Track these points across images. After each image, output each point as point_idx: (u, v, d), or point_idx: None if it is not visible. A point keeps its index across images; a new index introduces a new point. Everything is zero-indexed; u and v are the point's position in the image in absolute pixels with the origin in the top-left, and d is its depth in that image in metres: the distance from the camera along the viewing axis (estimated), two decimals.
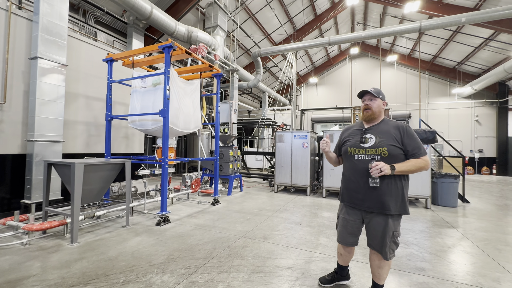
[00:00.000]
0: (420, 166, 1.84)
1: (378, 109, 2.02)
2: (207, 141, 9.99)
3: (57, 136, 4.63)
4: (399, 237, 1.96)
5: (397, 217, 1.93)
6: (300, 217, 4.83)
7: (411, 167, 1.84)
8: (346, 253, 2.27)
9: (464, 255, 3.21)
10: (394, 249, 1.94)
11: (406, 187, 1.93)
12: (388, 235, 1.90)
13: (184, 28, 8.36)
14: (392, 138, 1.90)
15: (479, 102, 15.49)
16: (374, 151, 1.92)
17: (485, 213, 5.43)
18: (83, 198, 3.58)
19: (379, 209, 1.90)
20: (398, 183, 1.89)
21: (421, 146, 1.90)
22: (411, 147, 1.88)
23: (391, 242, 1.91)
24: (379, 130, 1.98)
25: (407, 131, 1.92)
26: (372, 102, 2.02)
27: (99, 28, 8.75)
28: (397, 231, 1.93)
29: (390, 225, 1.90)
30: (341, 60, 19.91)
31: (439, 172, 6.65)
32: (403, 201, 1.89)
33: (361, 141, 2.00)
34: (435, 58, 15.70)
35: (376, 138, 1.95)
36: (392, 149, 1.87)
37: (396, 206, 1.88)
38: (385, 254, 1.93)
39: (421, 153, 1.87)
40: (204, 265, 2.74)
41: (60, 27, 4.64)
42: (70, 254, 2.93)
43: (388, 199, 1.87)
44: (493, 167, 14.90)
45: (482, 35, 11.87)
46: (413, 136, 1.91)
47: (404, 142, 1.89)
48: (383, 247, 1.92)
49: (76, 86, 5.37)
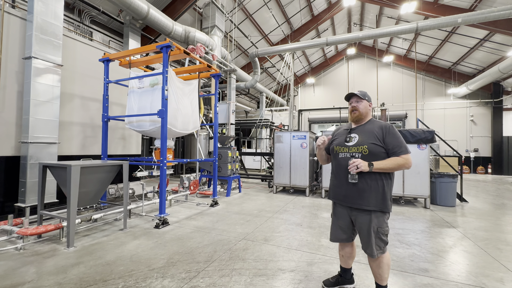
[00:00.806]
0: (399, 163, 1.89)
1: (365, 110, 2.11)
2: (205, 142, 9.92)
3: (52, 138, 4.53)
4: (386, 234, 1.97)
5: (381, 213, 1.95)
6: (300, 218, 4.79)
7: (390, 165, 1.89)
8: (346, 254, 2.26)
9: (466, 255, 3.20)
10: (381, 246, 1.95)
11: (388, 185, 1.97)
12: (373, 231, 1.94)
13: (181, 28, 8.29)
14: (374, 137, 1.98)
15: (474, 102, 15.67)
16: (356, 149, 2.00)
17: (484, 212, 5.46)
18: (80, 201, 3.49)
19: (359, 205, 1.97)
20: (379, 181, 1.94)
21: (402, 145, 1.94)
22: (391, 145, 1.94)
23: (377, 238, 1.94)
24: (364, 130, 2.07)
25: (390, 130, 1.98)
26: (358, 103, 2.12)
27: (95, 28, 8.63)
28: (381, 227, 1.95)
29: (374, 221, 1.94)
30: (338, 61, 20.00)
31: (437, 171, 6.68)
32: (384, 198, 1.93)
33: (345, 140, 2.10)
34: (431, 59, 15.84)
35: (359, 137, 2.04)
36: (373, 147, 1.95)
37: (376, 202, 1.93)
38: (371, 251, 1.95)
39: (401, 151, 1.92)
40: (205, 269, 2.68)
41: (55, 27, 4.55)
42: (66, 259, 2.85)
43: (367, 195, 1.94)
44: (488, 166, 15.07)
45: (477, 36, 12.01)
46: (395, 135, 1.96)
47: (386, 140, 1.96)
48: (369, 244, 1.96)
49: (71, 86, 5.27)
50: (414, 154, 5.93)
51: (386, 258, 2.01)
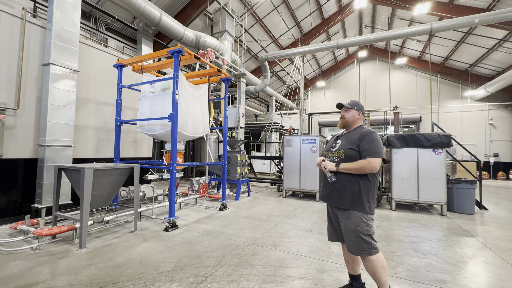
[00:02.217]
0: (361, 165, 2.00)
1: (352, 118, 2.28)
2: (214, 146, 9.98)
3: (68, 141, 4.68)
4: (367, 233, 2.00)
5: (357, 213, 2.02)
6: (310, 223, 4.70)
7: (353, 166, 2.03)
8: (350, 258, 2.25)
9: (487, 267, 3.02)
10: (363, 246, 1.99)
11: (366, 187, 2.05)
12: (351, 230, 2.03)
13: (192, 33, 8.44)
14: (352, 142, 2.13)
15: (494, 105, 15.01)
16: (336, 154, 2.20)
17: (506, 221, 5.17)
18: (92, 203, 3.58)
19: (337, 203, 2.12)
20: (355, 183, 2.05)
21: (372, 150, 2.01)
22: (363, 149, 2.06)
23: (356, 237, 2.00)
24: (348, 136, 2.22)
25: (366, 136, 2.09)
26: (346, 112, 2.30)
27: (110, 34, 8.93)
28: (359, 226, 2.00)
29: (352, 219, 2.03)
30: (349, 64, 19.75)
31: (454, 177, 6.40)
32: (360, 198, 2.02)
33: (332, 146, 2.31)
34: (446, 60, 15.36)
35: (341, 143, 2.23)
36: (349, 152, 2.11)
37: (351, 202, 2.04)
38: (351, 248, 2.04)
39: (368, 154, 2.01)
40: (213, 274, 2.66)
41: (72, 34, 4.73)
42: (78, 260, 2.91)
43: (344, 195, 2.08)
44: (509, 172, 14.33)
45: (495, 36, 11.55)
46: (369, 140, 2.05)
47: (360, 145, 2.08)
48: (348, 242, 2.06)
49: (86, 91, 5.45)
50: (429, 159, 5.73)
51: (379, 260, 2.00)
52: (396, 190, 5.98)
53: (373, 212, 2.07)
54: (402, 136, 5.97)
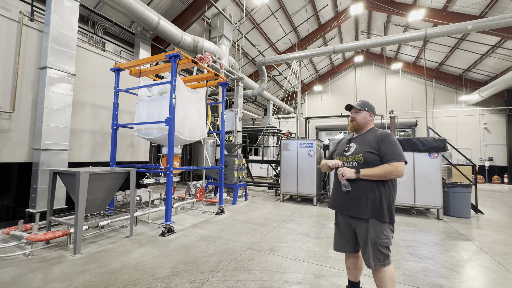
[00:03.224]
0: (387, 171, 1.84)
1: (363, 120, 2.15)
2: (212, 150, 9.96)
3: (63, 145, 4.64)
4: (386, 246, 1.88)
5: (379, 223, 1.88)
6: (308, 228, 4.69)
7: (378, 172, 1.87)
8: (352, 266, 2.19)
9: (483, 271, 3.03)
10: (380, 258, 1.87)
11: (387, 194, 1.91)
12: (370, 241, 1.89)
13: (190, 38, 8.49)
14: (370, 145, 1.99)
15: (488, 110, 15.24)
16: (353, 158, 2.03)
17: (501, 225, 5.21)
18: (88, 207, 3.54)
19: (355, 213, 1.96)
20: (375, 189, 1.90)
21: (395, 153, 1.89)
22: (384, 153, 1.92)
23: (374, 249, 1.88)
24: (362, 139, 2.09)
25: (385, 138, 1.97)
26: (357, 114, 2.17)
27: (107, 38, 8.94)
28: (379, 238, 1.87)
29: (371, 231, 1.89)
30: (345, 68, 19.96)
31: (449, 181, 6.45)
32: (381, 207, 1.88)
33: (344, 149, 2.14)
34: (441, 66, 15.61)
35: (356, 146, 2.06)
36: (368, 156, 1.95)
37: (372, 212, 1.88)
38: (368, 261, 1.90)
39: (392, 158, 1.88)
40: (210, 279, 2.63)
41: (69, 38, 4.73)
42: (72, 266, 2.86)
43: (362, 204, 1.91)
44: (504, 176, 14.49)
45: (488, 43, 11.79)
46: (390, 143, 1.94)
47: (380, 148, 1.95)
48: (366, 254, 1.92)
49: (83, 95, 5.43)
50: (425, 163, 5.77)
51: (390, 272, 1.90)
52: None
53: (394, 221, 1.91)
54: (398, 140, 6.01)
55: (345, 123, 17.05)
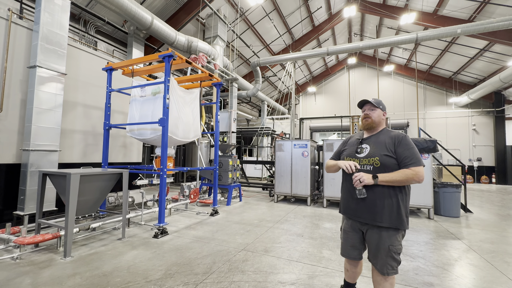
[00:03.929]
0: (408, 176, 1.73)
1: (378, 119, 2.01)
2: (206, 150, 9.91)
3: (53, 146, 4.54)
4: (398, 252, 1.81)
5: (394, 230, 1.80)
6: (302, 228, 4.71)
7: (398, 177, 1.75)
8: (352, 269, 2.16)
9: (472, 269, 3.11)
10: (393, 265, 1.80)
11: (404, 200, 1.82)
12: (383, 249, 1.80)
13: (184, 38, 8.43)
14: (386, 148, 1.86)
15: (476, 111, 15.64)
16: (367, 161, 1.89)
17: (489, 224, 5.34)
18: (78, 209, 3.47)
19: (371, 220, 1.85)
20: (393, 196, 1.80)
21: (414, 156, 1.79)
22: (402, 156, 1.81)
23: (388, 257, 1.80)
24: (376, 140, 1.96)
25: (402, 140, 1.86)
26: (372, 111, 2.03)
27: (100, 37, 8.81)
28: (393, 245, 1.79)
29: (385, 238, 1.81)
30: (339, 70, 20.17)
31: (440, 181, 6.59)
32: (399, 214, 1.79)
33: (356, 151, 2.00)
34: (431, 68, 15.94)
35: (370, 148, 1.93)
36: (385, 159, 1.83)
37: (390, 219, 1.79)
38: (381, 269, 1.82)
39: (412, 162, 1.77)
40: (204, 281, 2.61)
41: (60, 36, 4.64)
42: (62, 270, 2.80)
43: (380, 211, 1.81)
44: (492, 176, 14.88)
45: (477, 46, 12.10)
46: (408, 146, 1.83)
47: (397, 151, 1.84)
48: (378, 262, 1.84)
49: (74, 94, 5.33)
50: None
51: (392, 278, 1.86)
52: None
53: (408, 227, 1.84)
54: None
55: (339, 124, 17.21)
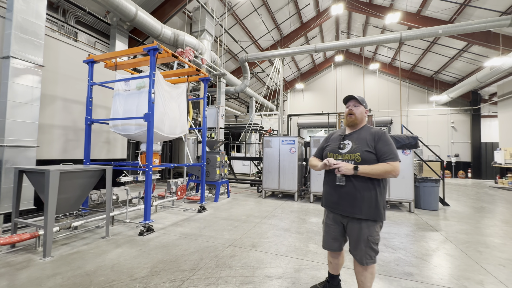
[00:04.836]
0: (386, 170, 1.84)
1: (361, 115, 2.10)
2: (193, 146, 9.78)
3: (30, 141, 4.31)
4: (377, 243, 1.93)
5: (372, 222, 1.92)
6: (289, 223, 4.78)
7: (376, 170, 1.85)
8: (334, 260, 2.25)
9: (448, 258, 3.28)
10: (371, 255, 1.92)
11: (381, 193, 1.94)
12: (363, 240, 1.91)
13: (170, 31, 8.21)
14: (367, 144, 1.96)
15: (455, 109, 16.38)
16: (349, 157, 1.98)
17: (464, 216, 5.65)
18: (59, 207, 3.33)
19: (350, 213, 1.94)
20: (371, 188, 1.91)
21: (392, 152, 1.91)
22: (381, 152, 1.92)
23: (367, 247, 1.91)
24: (358, 137, 2.04)
25: (382, 137, 1.97)
26: (356, 108, 2.10)
27: (80, 28, 8.40)
28: (372, 236, 1.91)
29: (364, 229, 1.91)
30: (326, 67, 20.42)
31: (420, 176, 6.88)
32: (377, 207, 1.90)
33: (339, 147, 2.08)
34: (414, 67, 16.47)
35: (352, 144, 2.02)
36: (366, 155, 1.93)
37: (369, 211, 1.89)
38: (361, 260, 1.93)
39: (390, 157, 1.89)
40: (190, 277, 2.60)
41: (36, 26, 4.38)
42: (42, 270, 2.69)
43: (359, 204, 1.91)
44: (468, 171, 15.71)
45: (456, 47, 12.62)
46: (387, 142, 1.94)
47: (377, 147, 1.94)
48: (357, 252, 1.95)
49: (53, 88, 5.07)
50: None
51: (374, 268, 1.99)
52: None
53: (385, 218, 1.96)
54: None
55: (326, 121, 17.49)
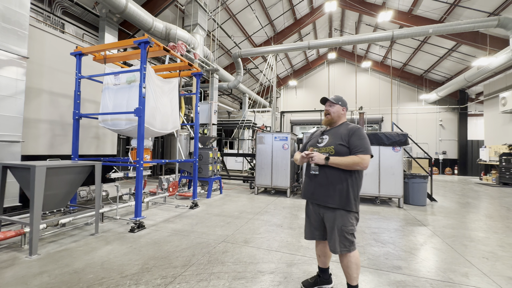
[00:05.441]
0: (354, 161, 1.97)
1: (337, 114, 2.24)
2: (185, 142, 9.68)
3: (15, 136, 4.16)
4: (351, 233, 2.02)
5: (345, 212, 2.02)
6: (281, 219, 4.81)
7: (345, 161, 1.98)
8: (322, 253, 2.32)
9: (435, 252, 3.38)
10: (346, 244, 2.01)
11: (353, 184, 2.05)
12: (337, 228, 2.02)
13: (162, 24, 8.04)
14: (341, 138, 2.09)
15: (443, 108, 16.79)
16: (325, 150, 2.12)
17: (451, 211, 5.83)
18: (46, 204, 3.24)
19: (324, 201, 2.08)
20: (343, 180, 2.03)
21: (363, 146, 2.02)
22: (353, 145, 2.04)
23: (340, 236, 2.01)
24: (335, 132, 2.19)
25: (356, 132, 2.08)
26: (331, 108, 2.25)
27: (67, 19, 8.11)
28: (346, 226, 2.01)
29: (338, 219, 2.02)
30: (319, 65, 20.49)
31: (409, 173, 7.04)
32: (348, 197, 2.01)
33: (317, 141, 2.24)
34: (405, 66, 16.74)
35: (329, 139, 2.17)
36: (339, 148, 2.06)
37: (340, 201, 2.01)
38: (334, 247, 2.02)
39: (360, 151, 2.00)
40: (182, 274, 2.58)
41: (20, 15, 4.19)
42: (28, 268, 2.62)
43: (332, 194, 2.04)
44: (455, 168, 16.19)
45: (446, 46, 12.88)
46: (359, 137, 2.06)
47: (350, 141, 2.06)
48: (331, 241, 2.05)
49: (39, 81, 4.89)
50: (389, 156, 6.20)
51: (355, 257, 2.04)
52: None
53: (358, 209, 2.07)
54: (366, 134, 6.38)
55: (318, 118, 17.62)
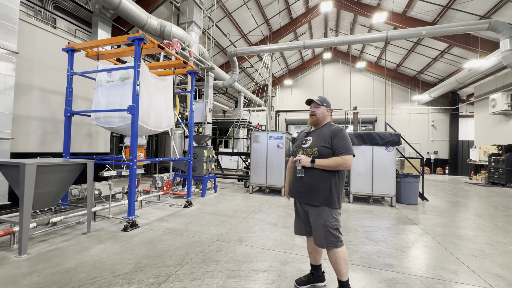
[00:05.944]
0: (337, 163, 2.05)
1: (322, 115, 2.30)
2: (180, 141, 9.61)
3: (4, 133, 4.06)
4: (335, 228, 2.10)
5: (328, 208, 2.10)
6: (275, 218, 4.83)
7: (330, 163, 2.07)
8: (313, 250, 2.37)
9: (426, 250, 3.44)
10: (332, 239, 2.08)
11: (336, 183, 2.13)
12: (321, 225, 2.10)
13: (156, 21, 7.94)
14: (324, 140, 2.16)
15: (435, 109, 17.08)
16: (309, 151, 2.20)
17: (441, 210, 5.94)
18: (36, 203, 3.18)
19: (309, 200, 2.16)
20: (327, 179, 2.11)
21: (345, 147, 2.09)
22: (336, 147, 2.11)
23: (326, 232, 2.08)
24: (318, 133, 2.25)
25: (338, 133, 2.15)
26: (316, 109, 2.31)
27: (59, 14, 7.94)
28: (329, 221, 2.09)
29: (322, 215, 2.11)
30: (315, 64, 20.59)
31: (402, 172, 7.15)
32: (331, 195, 2.10)
33: (302, 142, 2.30)
34: (399, 67, 16.96)
35: (312, 140, 2.23)
36: (322, 150, 2.14)
37: (323, 199, 2.10)
38: (320, 243, 2.11)
39: (343, 152, 2.08)
40: (176, 273, 2.57)
41: (9, 9, 4.08)
42: (17, 268, 2.56)
43: (316, 193, 2.12)
44: (446, 168, 16.52)
45: (438, 48, 13.09)
46: (342, 138, 2.12)
47: (332, 142, 2.13)
48: (316, 236, 2.14)
49: (29, 77, 4.78)
50: (382, 155, 6.28)
51: (342, 253, 2.10)
52: (354, 184, 6.46)
53: (341, 206, 2.17)
54: (360, 134, 6.45)
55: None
